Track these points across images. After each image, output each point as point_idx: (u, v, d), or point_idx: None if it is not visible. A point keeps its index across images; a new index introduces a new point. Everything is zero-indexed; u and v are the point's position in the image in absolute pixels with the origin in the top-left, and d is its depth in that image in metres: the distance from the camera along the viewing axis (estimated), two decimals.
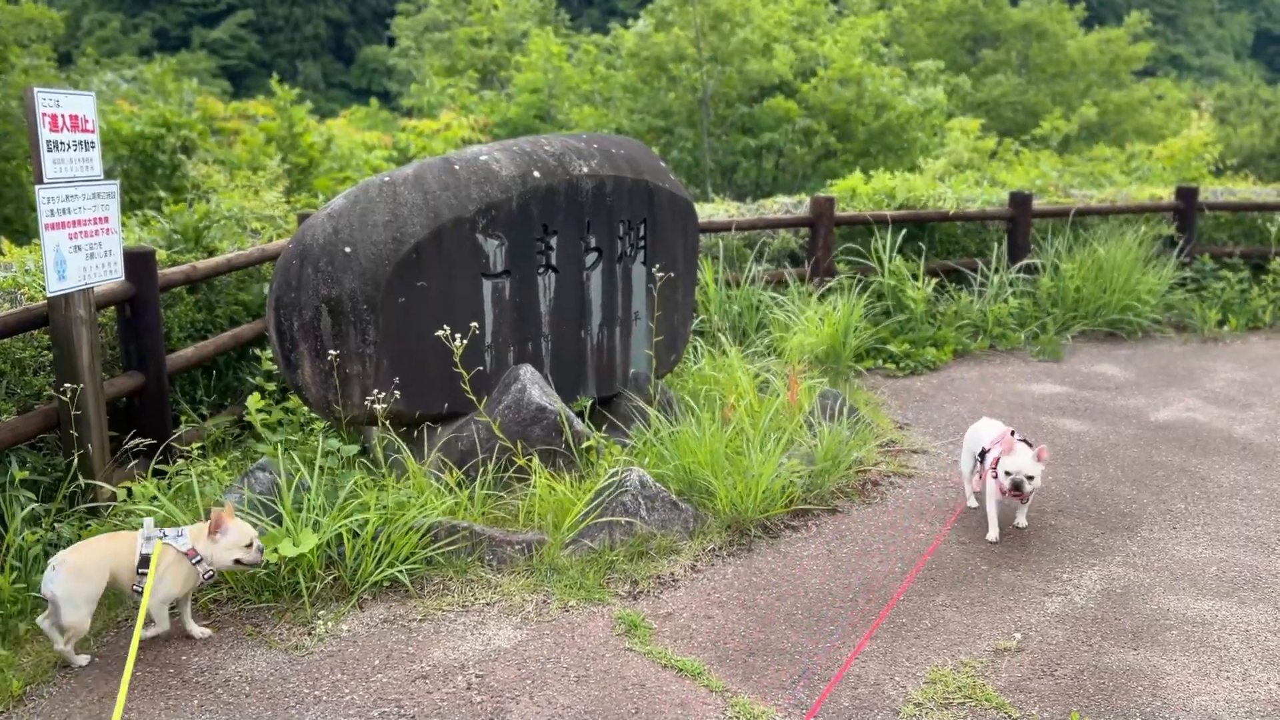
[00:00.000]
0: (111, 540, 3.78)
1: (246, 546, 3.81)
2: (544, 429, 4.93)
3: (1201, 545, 4.84)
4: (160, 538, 3.70)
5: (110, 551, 3.70)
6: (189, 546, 3.74)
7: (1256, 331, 9.31)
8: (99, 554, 3.68)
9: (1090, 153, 17.28)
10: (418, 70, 27.21)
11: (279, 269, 4.74)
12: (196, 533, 3.79)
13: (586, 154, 5.44)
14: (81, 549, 3.71)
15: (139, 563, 3.65)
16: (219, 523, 3.75)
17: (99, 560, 3.66)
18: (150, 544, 3.67)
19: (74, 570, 3.59)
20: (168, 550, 3.70)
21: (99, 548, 3.72)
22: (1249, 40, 63.55)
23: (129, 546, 3.70)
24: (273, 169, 7.98)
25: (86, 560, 3.64)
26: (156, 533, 3.72)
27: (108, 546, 3.73)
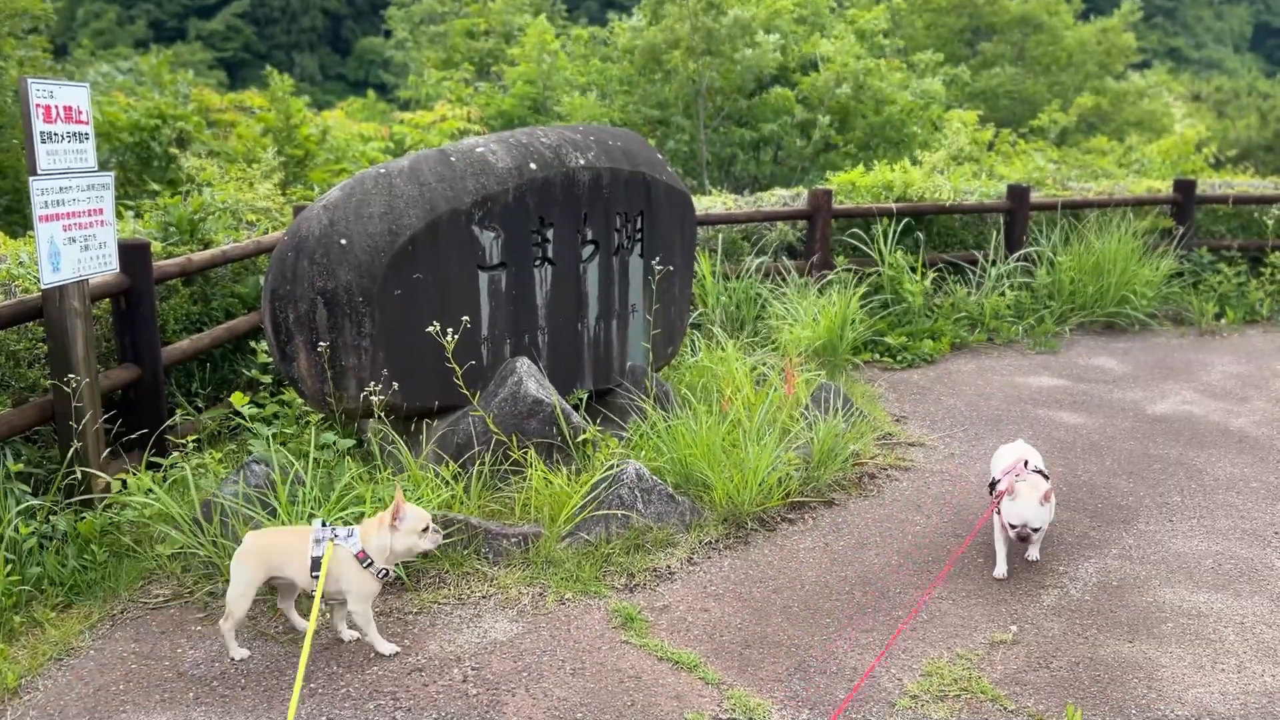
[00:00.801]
0: (289, 534, 3.73)
1: (423, 531, 3.66)
2: (540, 422, 4.92)
3: (1197, 538, 4.84)
4: (331, 539, 3.57)
5: (279, 544, 3.66)
6: (359, 549, 3.59)
7: (1254, 324, 9.31)
8: (267, 544, 3.67)
9: (1088, 144, 17.26)
10: (414, 62, 27.14)
11: (274, 261, 4.73)
12: (365, 530, 3.64)
13: (583, 146, 5.43)
14: (259, 535, 3.72)
15: (310, 565, 3.55)
16: (398, 510, 3.60)
17: (264, 550, 3.64)
18: (321, 546, 3.56)
19: (241, 554, 3.64)
20: (339, 552, 3.58)
21: (270, 539, 3.71)
22: (1248, 33, 63.46)
23: (301, 543, 3.60)
24: (268, 161, 7.95)
25: (252, 547, 3.65)
26: (326, 533, 3.59)
27: (280, 540, 3.70)
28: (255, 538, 3.71)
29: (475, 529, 4.38)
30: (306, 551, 3.56)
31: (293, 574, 3.62)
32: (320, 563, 3.52)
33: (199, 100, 10.47)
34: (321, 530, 3.60)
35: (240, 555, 3.64)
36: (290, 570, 3.62)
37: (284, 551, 3.62)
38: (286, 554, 3.61)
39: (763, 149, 19.03)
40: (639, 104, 19.21)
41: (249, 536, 3.72)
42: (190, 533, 4.23)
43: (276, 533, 3.81)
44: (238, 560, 3.63)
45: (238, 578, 3.62)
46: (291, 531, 3.75)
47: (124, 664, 3.68)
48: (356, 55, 56.21)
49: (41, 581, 4.10)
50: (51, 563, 4.15)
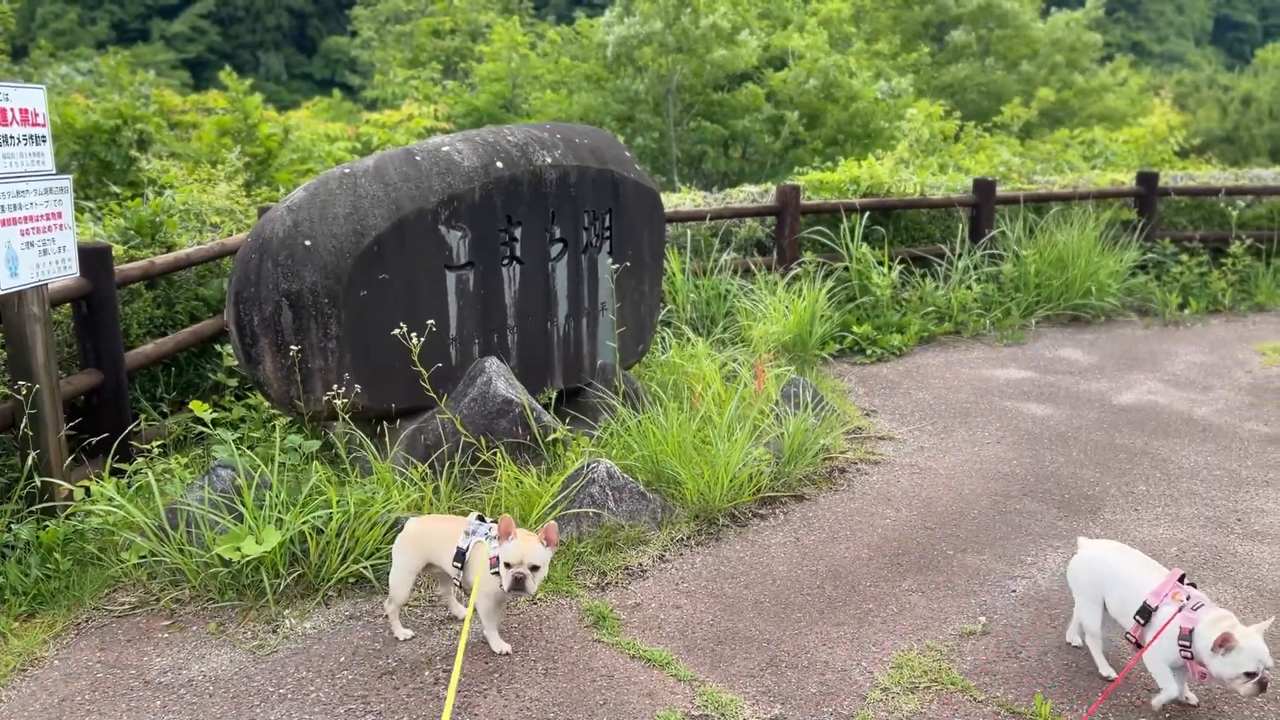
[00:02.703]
0: (444, 522, 3.82)
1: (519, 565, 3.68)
2: (510, 421, 4.90)
3: (1162, 526, 4.90)
4: (484, 537, 3.64)
5: (434, 533, 3.75)
6: (494, 554, 3.62)
7: (1216, 314, 9.44)
8: (423, 532, 3.76)
9: (1052, 137, 17.42)
10: (380, 62, 26.97)
11: (238, 263, 4.68)
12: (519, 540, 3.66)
13: (550, 144, 5.41)
14: (420, 522, 3.81)
15: (455, 555, 3.64)
16: (507, 530, 3.61)
17: (420, 537, 3.73)
18: (468, 540, 3.65)
19: (402, 539, 3.73)
20: (482, 550, 3.63)
21: (427, 527, 3.80)
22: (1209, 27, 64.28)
23: (456, 535, 3.69)
24: (231, 162, 7.87)
25: (413, 533, 3.74)
26: (480, 528, 3.68)
27: (435, 528, 3.78)
28: (417, 524, 3.80)
29: None
30: (456, 542, 3.67)
31: (443, 564, 3.71)
32: (464, 555, 3.63)
33: (160, 101, 10.34)
34: (474, 524, 3.69)
35: (401, 541, 3.74)
36: (443, 559, 3.71)
37: (440, 540, 3.71)
38: (442, 543, 3.70)
39: (732, 146, 19.07)
40: (609, 100, 19.19)
41: (411, 522, 3.81)
42: (156, 539, 4.18)
43: (436, 520, 3.89)
44: (399, 546, 3.74)
45: (398, 563, 3.73)
46: (450, 520, 3.85)
47: (89, 673, 3.63)
48: (322, 54, 55.77)
49: (4, 591, 4.04)
50: (14, 572, 4.08)
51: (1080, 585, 3.60)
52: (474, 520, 3.70)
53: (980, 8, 25.59)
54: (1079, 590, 3.61)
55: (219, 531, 4.13)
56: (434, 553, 3.72)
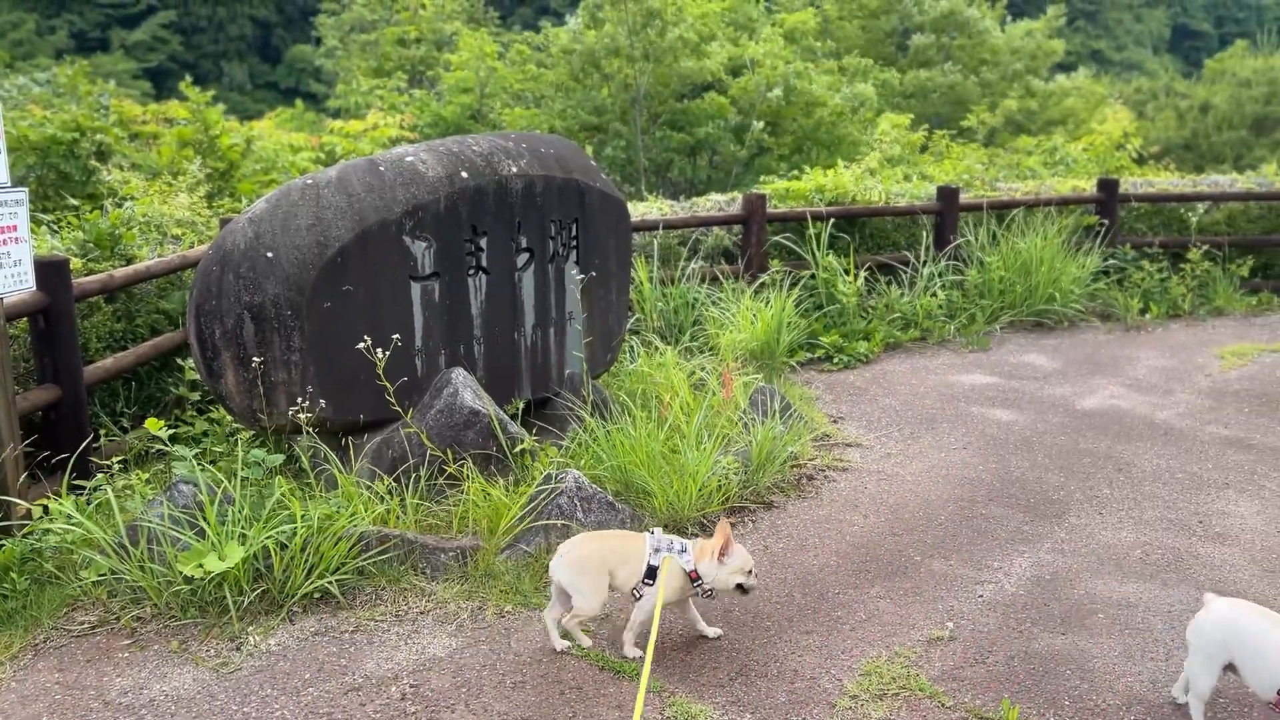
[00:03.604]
0: (620, 539, 3.85)
1: (748, 573, 3.77)
2: (477, 433, 4.87)
3: (1126, 529, 4.96)
4: (668, 552, 3.71)
5: (614, 550, 3.76)
6: (692, 567, 3.71)
7: (1177, 319, 9.57)
8: (601, 550, 3.77)
9: (1014, 144, 17.62)
10: (344, 71, 26.81)
11: (199, 276, 4.62)
12: (699, 550, 3.75)
13: (515, 154, 5.39)
14: (586, 541, 3.83)
15: (645, 572, 3.68)
16: (727, 546, 3.71)
17: (600, 556, 3.74)
18: (659, 556, 3.69)
19: (574, 562, 3.72)
20: (673, 565, 3.70)
21: (602, 545, 3.81)
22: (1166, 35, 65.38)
23: (636, 551, 3.73)
24: (193, 173, 7.77)
25: (588, 554, 3.74)
26: (664, 541, 3.74)
27: (613, 545, 3.80)
28: (594, 544, 3.81)
29: (412, 544, 4.31)
30: (643, 558, 3.70)
31: (623, 579, 3.73)
32: (656, 572, 3.66)
33: (119, 111, 10.20)
34: (657, 540, 3.74)
35: (579, 564, 3.72)
36: (621, 575, 3.73)
37: (620, 557, 3.74)
38: (622, 559, 3.73)
39: (698, 154, 19.12)
40: (576, 109, 19.18)
41: (581, 544, 3.81)
42: (116, 557, 4.11)
43: (608, 536, 3.93)
44: (577, 569, 3.71)
45: (582, 585, 3.70)
46: (621, 536, 3.91)
47: (48, 694, 3.56)
48: (287, 63, 55.38)
49: None
50: None
51: (1204, 645, 3.23)
52: (657, 537, 3.77)
53: (942, 15, 25.87)
54: (1200, 649, 3.24)
55: (181, 548, 4.06)
56: (615, 571, 3.74)
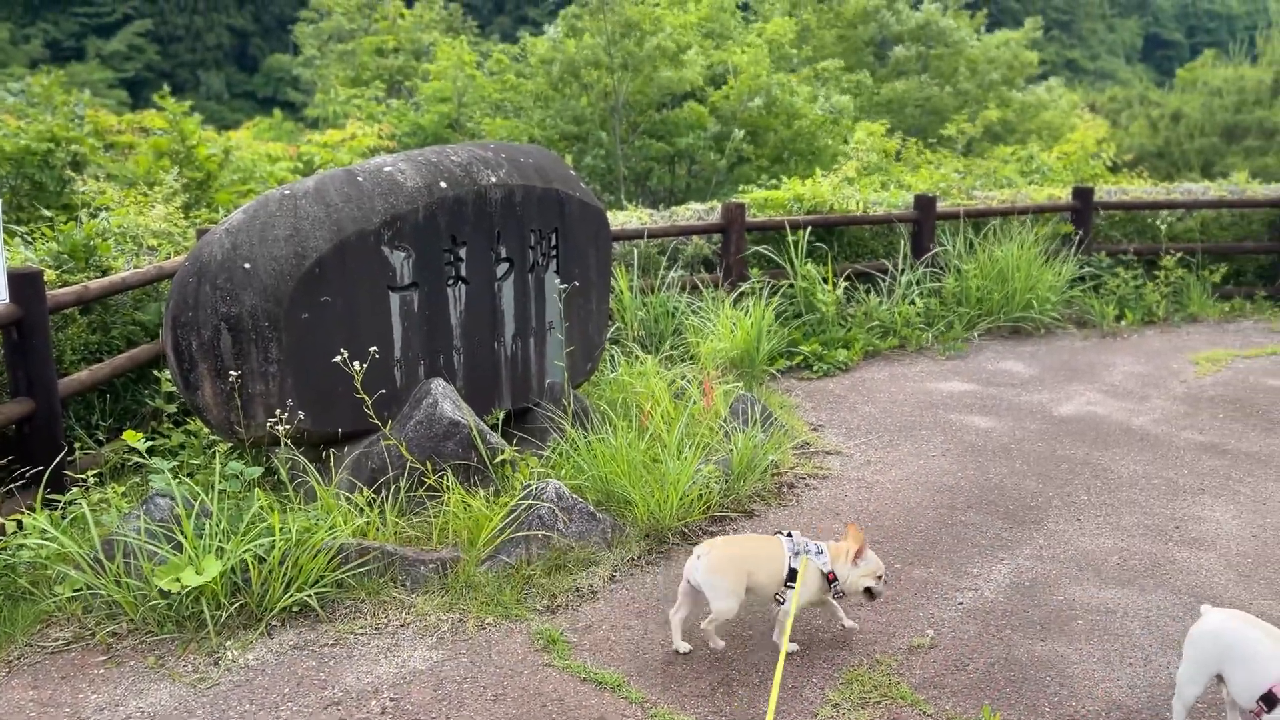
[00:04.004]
0: (758, 543, 3.90)
1: (878, 578, 3.86)
2: (457, 444, 4.85)
3: (1104, 535, 4.99)
4: (805, 553, 3.79)
5: (752, 554, 3.82)
6: (830, 569, 3.81)
7: (1152, 325, 9.66)
8: (739, 554, 3.82)
9: (992, 153, 17.76)
10: (322, 80, 26.72)
11: (175, 287, 4.59)
12: (834, 552, 3.85)
13: (494, 163, 5.39)
14: (724, 545, 3.87)
15: (787, 575, 3.75)
16: (861, 551, 3.81)
17: (738, 560, 3.79)
18: (799, 559, 3.77)
19: (713, 565, 3.75)
20: (811, 567, 3.78)
21: (741, 549, 3.87)
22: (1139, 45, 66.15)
23: (774, 554, 3.79)
24: (169, 184, 7.72)
25: (725, 557, 3.78)
26: (801, 543, 3.82)
27: (751, 549, 3.86)
28: (730, 548, 3.86)
29: (391, 556, 4.29)
30: (782, 561, 3.76)
31: (762, 581, 3.78)
32: (796, 574, 3.74)
33: (95, 121, 10.12)
34: (795, 543, 3.81)
35: (719, 566, 3.76)
36: (760, 577, 3.78)
37: (759, 560, 3.79)
38: (761, 562, 3.78)
39: (678, 163, 19.17)
40: (555, 119, 19.20)
41: (721, 546, 3.85)
42: (91, 572, 4.06)
43: (746, 541, 4.02)
44: (716, 571, 3.75)
45: (722, 587, 3.74)
46: (757, 540, 3.95)
47: (22, 712, 3.51)
48: (264, 72, 55.18)
49: None
50: None
51: (1196, 655, 3.23)
52: (795, 540, 3.83)
53: (919, 25, 26.06)
54: (1192, 658, 3.24)
55: (157, 562, 4.02)
56: (754, 574, 3.78)
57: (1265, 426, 6.68)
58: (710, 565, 3.76)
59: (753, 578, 3.79)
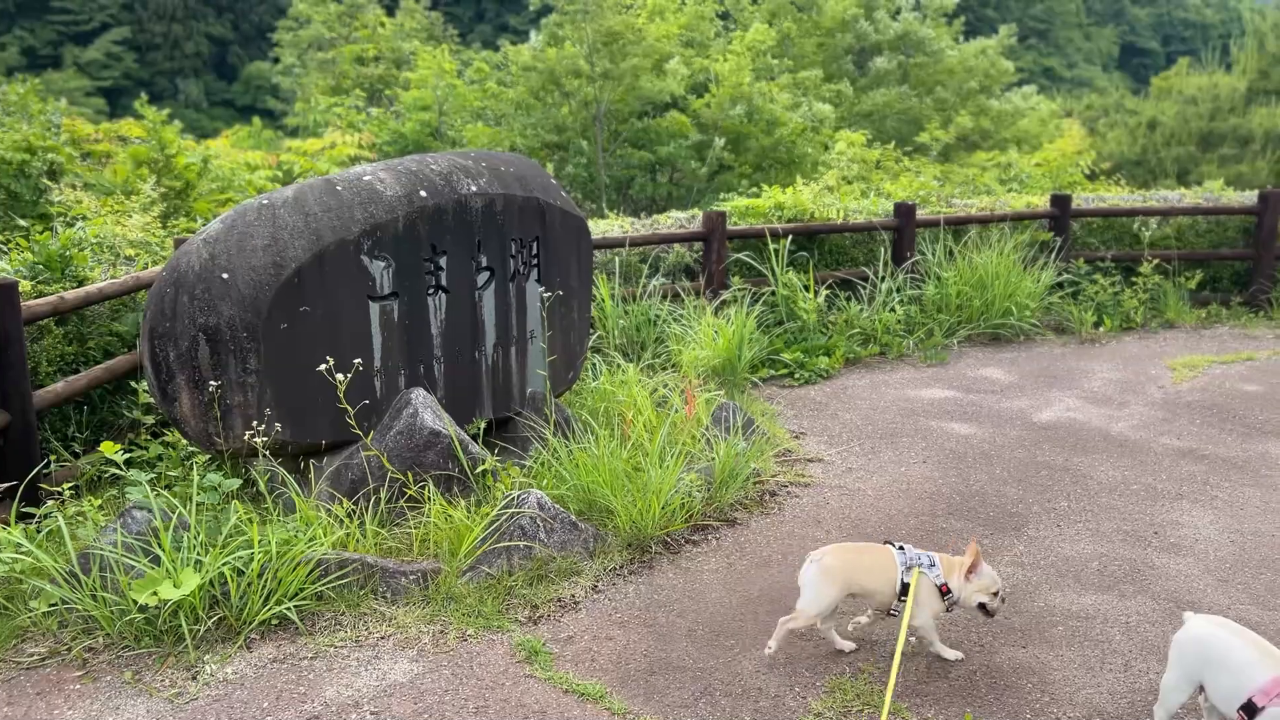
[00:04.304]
0: (870, 554, 3.90)
1: (994, 594, 3.82)
2: (438, 454, 4.83)
3: (1084, 541, 5.01)
4: (917, 566, 3.77)
5: (863, 565, 3.82)
6: (943, 581, 3.78)
7: (1130, 331, 9.73)
8: (849, 564, 3.82)
9: (969, 160, 17.88)
10: (302, 88, 26.63)
11: (152, 298, 4.55)
12: (947, 565, 3.83)
13: (474, 172, 5.38)
14: (837, 553, 3.87)
15: (900, 589, 3.74)
16: (976, 565, 3.78)
17: (847, 569, 3.79)
18: (911, 573, 3.75)
19: (823, 571, 3.78)
20: (924, 580, 3.77)
21: (852, 558, 3.86)
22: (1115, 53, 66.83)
23: (886, 565, 3.79)
24: (147, 193, 7.67)
25: (836, 566, 3.79)
26: (914, 556, 3.80)
27: (862, 560, 3.86)
28: (835, 556, 3.84)
29: (372, 567, 4.26)
30: (894, 573, 3.76)
31: (872, 591, 3.79)
32: (909, 587, 3.73)
33: (71, 130, 10.04)
34: (908, 556, 3.80)
35: (824, 571, 3.77)
36: (871, 587, 3.79)
37: (867, 571, 3.79)
38: (870, 574, 3.78)
39: (659, 171, 19.21)
40: (537, 128, 19.21)
41: (832, 552, 3.85)
42: (67, 586, 4.02)
43: (857, 549, 3.98)
44: (821, 576, 3.77)
45: (823, 593, 3.77)
46: (870, 549, 3.94)
47: None
48: (244, 81, 54.96)
49: None
50: None
51: (1181, 662, 3.24)
52: (908, 554, 3.81)
53: (899, 35, 26.23)
54: (1177, 665, 3.25)
55: (135, 576, 3.98)
56: (859, 583, 3.80)
57: (1241, 432, 6.74)
58: (821, 569, 3.78)
59: (861, 586, 3.81)
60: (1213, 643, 3.15)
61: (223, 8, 59.28)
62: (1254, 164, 24.54)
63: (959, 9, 29.83)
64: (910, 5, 27.86)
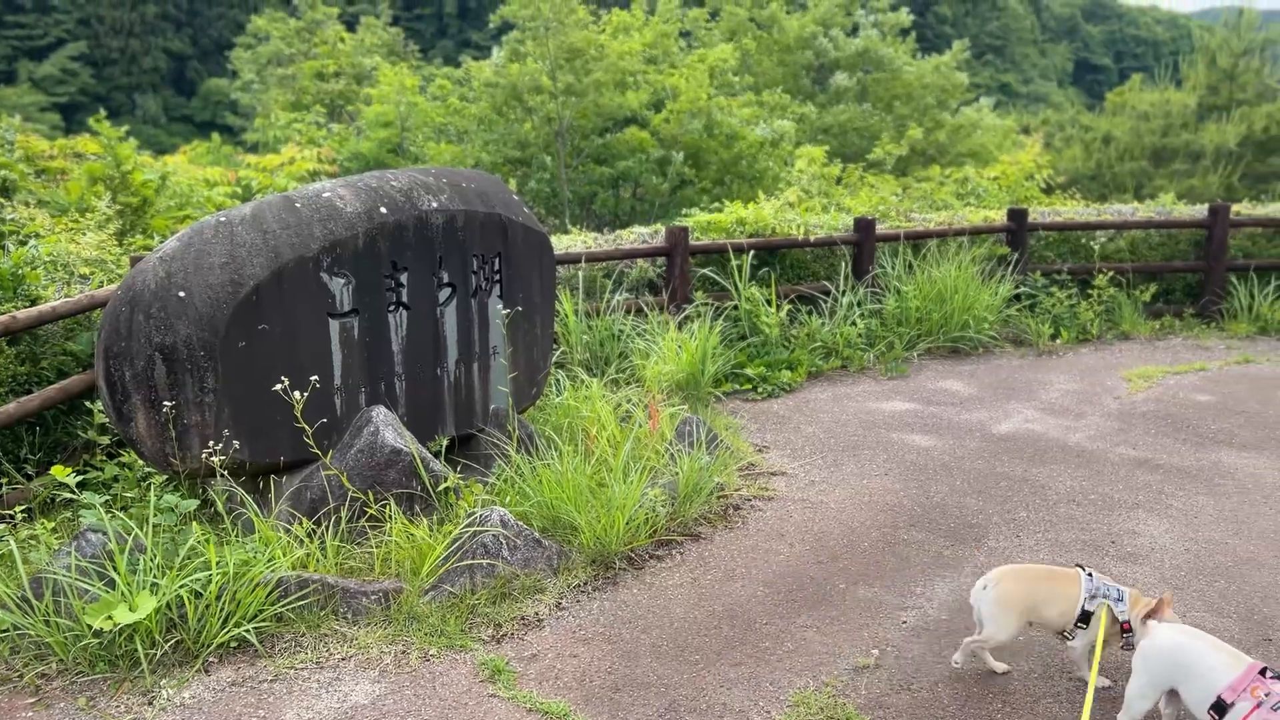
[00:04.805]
0: (1051, 579, 3.80)
1: None
2: (399, 472, 4.80)
3: (1043, 551, 5.07)
4: (1104, 597, 3.68)
5: (1044, 591, 3.75)
6: (1127, 618, 3.67)
7: (1086, 343, 9.88)
8: (1027, 589, 3.76)
9: (924, 174, 18.10)
10: (261, 104, 26.42)
11: (107, 317, 4.49)
12: (1133, 600, 3.70)
13: (435, 189, 5.36)
14: (1013, 576, 3.80)
15: (1079, 616, 3.68)
16: (1158, 611, 3.60)
17: (1025, 595, 3.73)
18: (1096, 602, 3.68)
19: (999, 596, 3.72)
20: (1109, 614, 3.68)
21: (1030, 583, 3.79)
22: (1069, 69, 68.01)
23: (1069, 592, 3.71)
24: (102, 210, 7.57)
25: (1013, 591, 3.74)
26: (1101, 586, 3.71)
27: (1041, 585, 3.78)
28: (1016, 578, 3.79)
29: (332, 588, 4.22)
30: (1076, 600, 3.68)
31: (1051, 618, 3.73)
32: (1090, 616, 3.67)
33: (25, 146, 9.89)
34: (1095, 585, 3.72)
35: (1004, 598, 3.72)
36: (1049, 614, 3.73)
37: (1050, 596, 3.73)
38: (1053, 601, 3.72)
39: (622, 186, 19.26)
40: (499, 144, 19.20)
41: (1010, 575, 3.79)
42: (18, 611, 3.94)
43: (1038, 575, 3.87)
44: (1002, 602, 3.71)
45: (1003, 621, 3.72)
46: (1053, 574, 3.84)
47: None
48: (203, 96, 54.48)
49: None
50: None
51: (1148, 669, 3.31)
52: (1094, 582, 3.73)
53: (858, 52, 26.55)
54: (1143, 672, 3.32)
55: (89, 600, 3.91)
56: (1039, 610, 3.74)
57: (1195, 441, 6.86)
58: (997, 597, 3.73)
59: (1039, 614, 3.75)
60: (1182, 650, 3.24)
61: (181, 23, 58.79)
62: (1205, 178, 25.07)
63: (918, 25, 30.30)
64: (869, 23, 28.24)
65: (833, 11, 27.92)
